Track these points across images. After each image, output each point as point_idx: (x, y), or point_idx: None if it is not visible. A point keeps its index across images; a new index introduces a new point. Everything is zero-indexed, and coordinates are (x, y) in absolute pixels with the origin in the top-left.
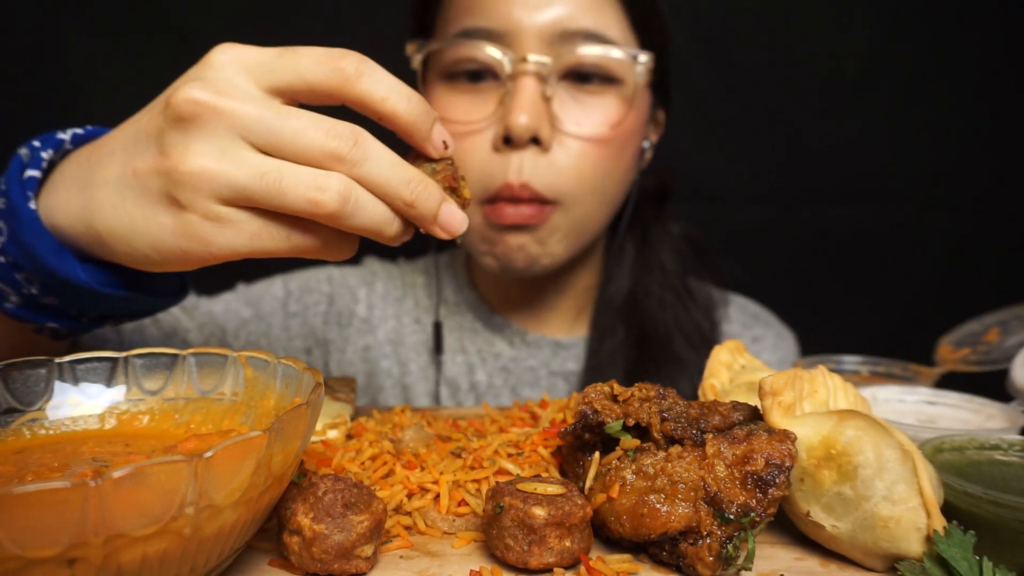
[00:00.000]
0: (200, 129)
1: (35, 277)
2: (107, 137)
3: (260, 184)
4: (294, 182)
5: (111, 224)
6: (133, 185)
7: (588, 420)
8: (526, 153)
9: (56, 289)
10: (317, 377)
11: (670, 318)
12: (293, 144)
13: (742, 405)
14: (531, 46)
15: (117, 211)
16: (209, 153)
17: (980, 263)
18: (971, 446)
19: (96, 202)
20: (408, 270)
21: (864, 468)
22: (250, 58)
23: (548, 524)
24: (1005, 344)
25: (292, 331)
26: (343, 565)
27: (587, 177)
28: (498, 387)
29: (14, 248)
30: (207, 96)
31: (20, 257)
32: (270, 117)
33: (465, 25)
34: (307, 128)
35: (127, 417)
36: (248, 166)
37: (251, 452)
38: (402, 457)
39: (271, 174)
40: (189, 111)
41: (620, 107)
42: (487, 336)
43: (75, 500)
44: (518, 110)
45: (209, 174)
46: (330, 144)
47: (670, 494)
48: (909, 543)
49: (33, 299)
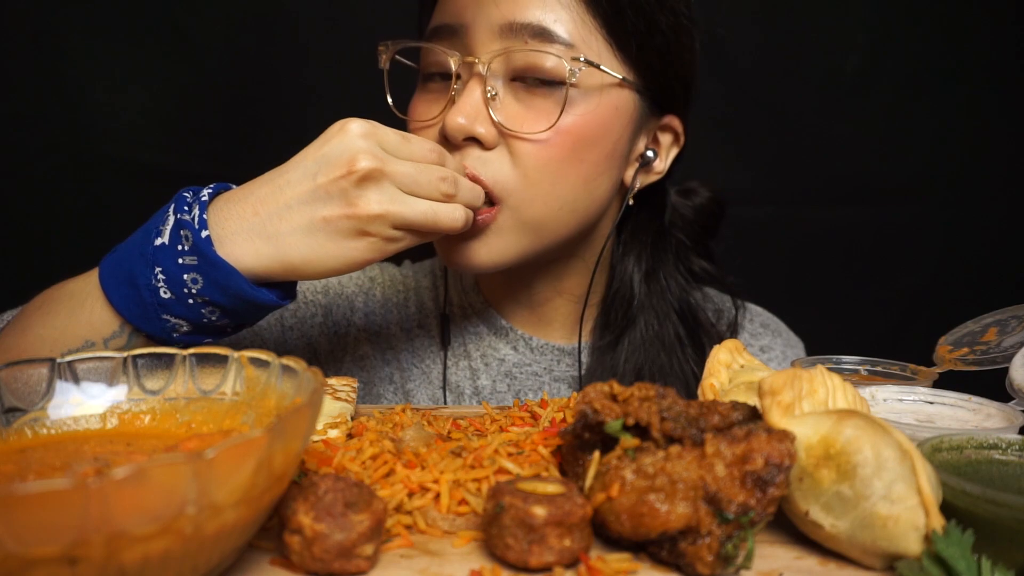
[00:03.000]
0: (377, 184)
1: (219, 306)
2: (264, 194)
3: (423, 218)
4: (443, 215)
5: (307, 256)
6: (324, 228)
7: (588, 419)
8: (468, 152)
9: (235, 311)
10: (318, 377)
11: (665, 361)
12: (428, 189)
13: (741, 405)
14: (483, 42)
15: (311, 247)
16: (384, 201)
17: (979, 263)
18: (969, 445)
19: (289, 245)
20: (412, 273)
21: (863, 467)
22: (382, 136)
23: (548, 523)
24: (1003, 344)
25: (289, 344)
26: (344, 564)
27: (533, 178)
28: (502, 393)
29: (212, 290)
30: (377, 164)
31: (219, 297)
32: (415, 171)
33: (433, 23)
34: (432, 177)
35: (128, 417)
36: (412, 206)
37: (252, 452)
38: (403, 456)
39: (428, 212)
40: (367, 173)
41: (558, 109)
42: (491, 341)
43: (77, 499)
44: (454, 110)
45: (389, 214)
46: (441, 187)
47: (670, 493)
48: (908, 542)
49: (206, 326)
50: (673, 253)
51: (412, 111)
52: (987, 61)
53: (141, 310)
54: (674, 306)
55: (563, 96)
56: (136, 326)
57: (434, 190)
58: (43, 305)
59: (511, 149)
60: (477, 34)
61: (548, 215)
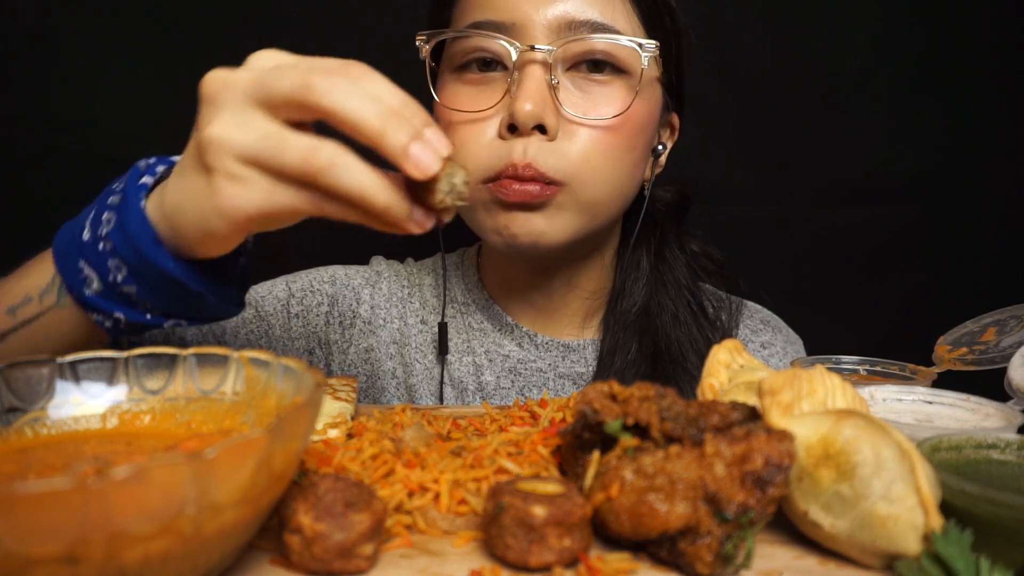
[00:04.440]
0: (217, 99)
1: (126, 264)
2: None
3: (264, 145)
4: (293, 143)
5: (172, 200)
6: (185, 163)
7: (587, 419)
8: (531, 139)
9: (142, 276)
10: (318, 377)
11: (684, 334)
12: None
13: (741, 405)
14: (539, 38)
15: (174, 189)
16: (226, 122)
17: (978, 263)
18: (969, 445)
19: (166, 191)
20: (416, 270)
21: (862, 467)
22: (265, 59)
23: (548, 523)
24: (1002, 344)
25: (293, 332)
26: (344, 564)
27: (594, 163)
28: (506, 389)
29: (117, 235)
30: (221, 74)
31: (120, 244)
32: (269, 78)
33: (475, 18)
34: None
35: (129, 416)
36: (254, 130)
37: (252, 452)
38: (402, 456)
39: (274, 136)
40: (207, 90)
41: (626, 96)
42: (496, 337)
43: (77, 499)
44: (523, 98)
45: (224, 139)
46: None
47: (669, 493)
48: (907, 542)
49: (114, 287)
50: (675, 238)
51: (455, 102)
52: (987, 61)
53: (66, 249)
54: (683, 312)
55: (625, 84)
56: (59, 272)
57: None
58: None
59: (573, 136)
60: (531, 30)
61: (604, 198)
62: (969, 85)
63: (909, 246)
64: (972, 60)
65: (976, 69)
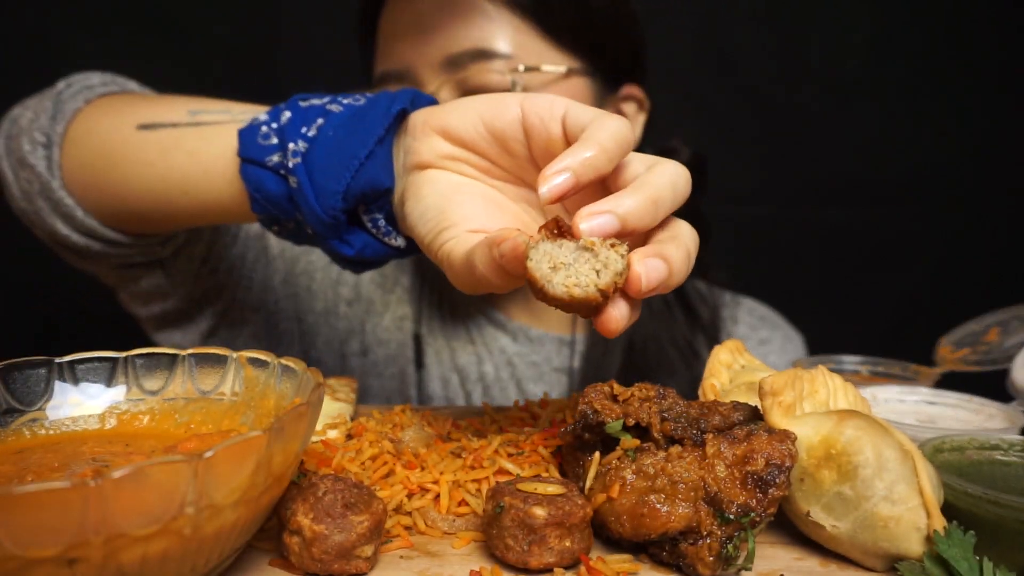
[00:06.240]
0: None
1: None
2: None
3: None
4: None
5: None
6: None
7: (588, 420)
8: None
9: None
10: (317, 377)
11: (660, 324)
12: None
13: (742, 405)
14: (427, 78)
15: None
16: None
17: (980, 263)
18: (971, 446)
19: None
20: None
21: (864, 468)
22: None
23: (548, 524)
24: (1005, 344)
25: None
26: (343, 565)
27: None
28: (504, 380)
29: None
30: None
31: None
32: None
33: (381, 68)
34: None
35: (127, 417)
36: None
37: (251, 452)
38: (402, 457)
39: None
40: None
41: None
42: (492, 331)
43: (75, 500)
44: None
45: None
46: None
47: (670, 494)
48: (909, 543)
49: (274, 173)
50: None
51: None
52: (987, 61)
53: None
54: (657, 303)
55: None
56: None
57: None
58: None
59: None
60: (422, 74)
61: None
62: (969, 85)
63: (909, 246)
64: (972, 60)
65: (976, 69)
